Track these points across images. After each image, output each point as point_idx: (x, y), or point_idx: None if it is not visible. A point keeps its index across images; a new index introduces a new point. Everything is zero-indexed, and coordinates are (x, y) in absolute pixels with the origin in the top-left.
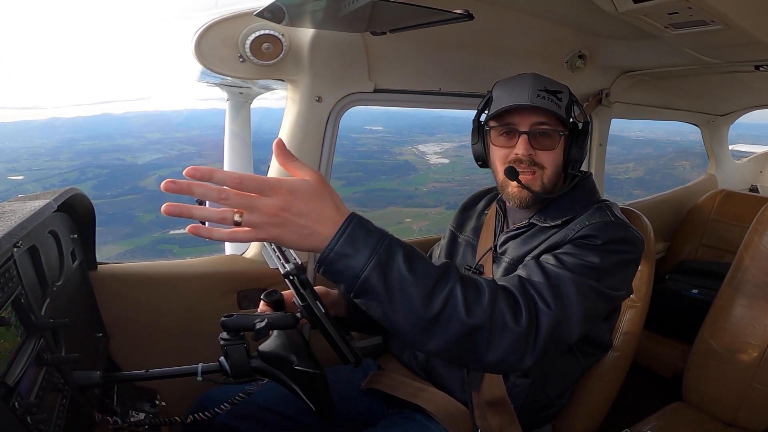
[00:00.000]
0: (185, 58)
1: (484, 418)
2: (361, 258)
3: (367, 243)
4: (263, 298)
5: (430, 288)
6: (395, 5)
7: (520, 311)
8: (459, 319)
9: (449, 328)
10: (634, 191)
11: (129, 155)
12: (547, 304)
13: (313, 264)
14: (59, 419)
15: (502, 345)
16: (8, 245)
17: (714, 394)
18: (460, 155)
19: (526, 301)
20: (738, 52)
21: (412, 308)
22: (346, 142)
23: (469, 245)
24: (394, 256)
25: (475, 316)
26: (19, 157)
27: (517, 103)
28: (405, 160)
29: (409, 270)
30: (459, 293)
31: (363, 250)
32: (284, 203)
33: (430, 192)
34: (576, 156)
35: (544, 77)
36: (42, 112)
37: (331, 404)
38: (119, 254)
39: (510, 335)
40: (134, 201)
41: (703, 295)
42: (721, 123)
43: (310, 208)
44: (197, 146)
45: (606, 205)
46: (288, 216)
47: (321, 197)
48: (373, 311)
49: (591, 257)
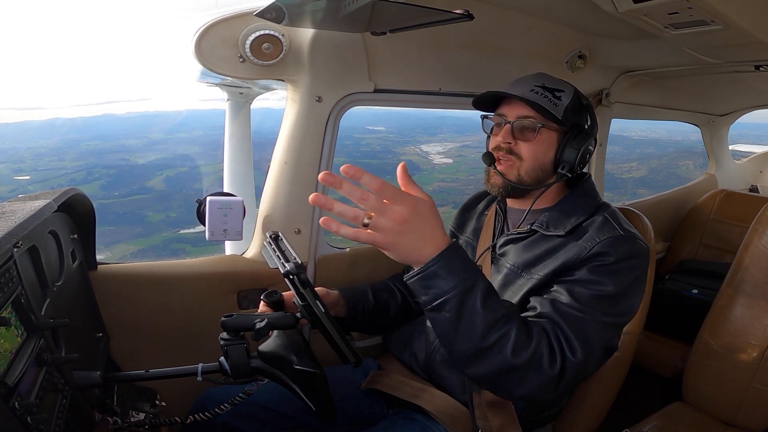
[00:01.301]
0: (186, 58)
1: (485, 419)
2: (449, 282)
3: (458, 272)
4: (263, 298)
5: (492, 323)
6: (395, 5)
7: (555, 359)
8: (504, 356)
9: (493, 361)
10: (638, 190)
11: (134, 155)
12: (574, 353)
13: (312, 264)
14: (59, 419)
15: (533, 384)
16: (8, 245)
17: (714, 394)
18: (463, 155)
19: (560, 350)
20: (738, 52)
21: (472, 336)
22: (348, 142)
23: (468, 246)
24: (475, 290)
25: (518, 357)
26: (23, 157)
27: (504, 92)
28: (409, 160)
29: (483, 305)
30: (513, 335)
31: (453, 276)
32: (409, 215)
33: (435, 191)
34: (568, 156)
35: (551, 77)
36: (44, 113)
37: (332, 404)
38: (132, 253)
39: (541, 377)
40: (143, 201)
41: (703, 295)
42: (721, 123)
43: (425, 227)
44: (201, 147)
45: (611, 213)
46: (407, 228)
47: (435, 219)
48: (436, 326)
49: (606, 285)
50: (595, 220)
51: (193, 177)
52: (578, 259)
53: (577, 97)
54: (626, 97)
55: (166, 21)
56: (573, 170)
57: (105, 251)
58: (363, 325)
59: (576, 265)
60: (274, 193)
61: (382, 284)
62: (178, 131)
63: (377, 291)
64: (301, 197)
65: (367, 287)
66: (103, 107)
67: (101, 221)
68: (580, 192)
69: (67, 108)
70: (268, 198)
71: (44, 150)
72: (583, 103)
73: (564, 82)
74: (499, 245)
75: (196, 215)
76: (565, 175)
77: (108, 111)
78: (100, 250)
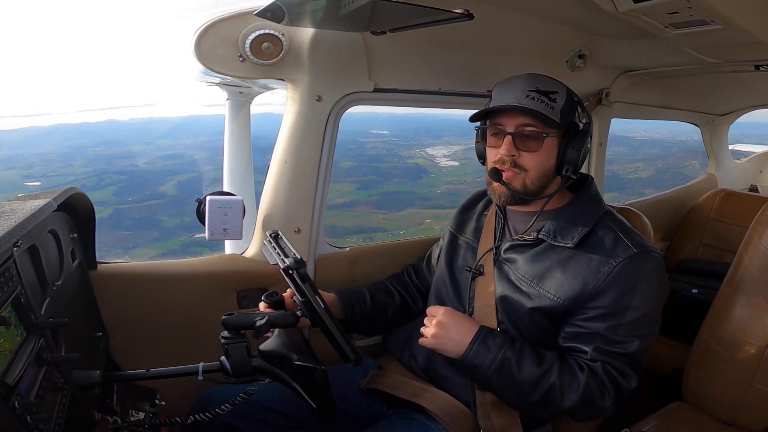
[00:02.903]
0: (186, 58)
1: (488, 418)
2: (489, 356)
3: (492, 348)
4: (264, 299)
5: (535, 382)
6: (395, 5)
7: (608, 392)
8: (555, 403)
9: (548, 409)
10: (645, 190)
11: (142, 161)
12: (628, 379)
13: (312, 263)
14: (59, 419)
15: (592, 413)
16: (8, 245)
17: (714, 394)
18: (469, 158)
19: (613, 382)
20: (738, 52)
21: (520, 398)
22: (354, 146)
23: (469, 247)
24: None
25: (568, 401)
26: (31, 163)
27: (503, 104)
28: (416, 163)
29: (519, 372)
30: (557, 385)
31: (491, 352)
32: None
33: (444, 194)
34: (571, 157)
35: (541, 76)
36: (48, 119)
37: (332, 402)
38: (152, 257)
39: (598, 408)
40: (158, 206)
41: (703, 295)
42: (721, 123)
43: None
44: (208, 152)
45: (618, 225)
46: (442, 328)
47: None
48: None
49: (637, 309)
50: (605, 234)
51: (203, 182)
52: (599, 285)
53: (569, 95)
54: (626, 97)
55: (166, 22)
56: (576, 171)
57: (123, 256)
58: (361, 326)
59: (598, 292)
60: (273, 193)
61: (381, 285)
62: (184, 137)
63: (375, 292)
64: (300, 196)
65: (364, 289)
66: (107, 113)
67: (118, 226)
68: (586, 197)
69: (72, 114)
70: (267, 197)
71: (52, 156)
72: (575, 100)
73: (555, 81)
74: (504, 250)
75: (196, 215)
76: (570, 177)
77: (112, 117)
78: (118, 255)
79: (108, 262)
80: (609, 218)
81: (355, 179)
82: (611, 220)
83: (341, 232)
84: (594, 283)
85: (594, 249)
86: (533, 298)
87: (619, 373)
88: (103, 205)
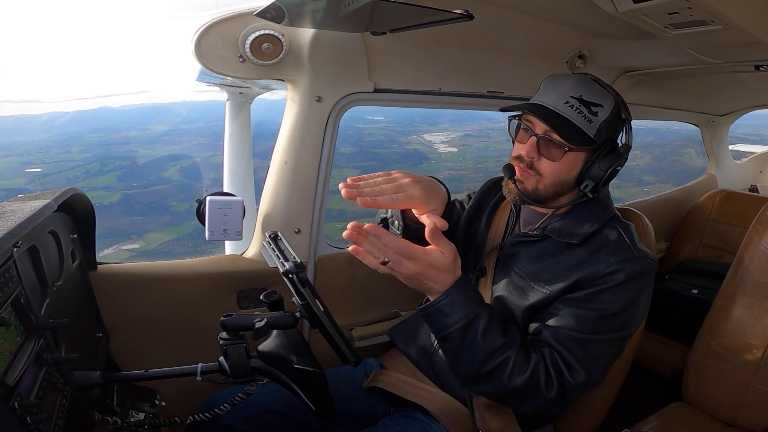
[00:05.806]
0: (184, 56)
1: (484, 420)
2: (452, 318)
3: (461, 308)
4: (262, 298)
5: (491, 352)
6: (395, 5)
7: (552, 383)
8: (501, 381)
9: (492, 384)
10: (644, 177)
11: (142, 147)
12: (575, 375)
13: (312, 264)
14: (59, 419)
15: (533, 404)
16: (8, 245)
17: (714, 394)
18: (467, 144)
19: (558, 375)
20: (738, 52)
21: (473, 363)
22: (351, 131)
23: (477, 242)
24: (476, 324)
25: (514, 382)
26: (28, 150)
27: (538, 103)
28: (415, 149)
29: (483, 337)
30: (510, 362)
31: (456, 313)
32: (420, 271)
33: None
34: (594, 174)
35: (593, 83)
36: (41, 106)
37: (331, 404)
38: (167, 242)
39: (540, 399)
40: (165, 191)
41: (703, 295)
42: (721, 123)
43: (437, 277)
44: (205, 138)
45: (625, 229)
46: (419, 279)
47: (449, 272)
48: (443, 352)
49: (613, 304)
50: (609, 234)
51: (206, 167)
52: (591, 278)
53: (617, 109)
54: (626, 97)
55: (164, 19)
56: (596, 190)
57: (138, 240)
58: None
59: (587, 284)
60: (273, 193)
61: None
62: (181, 123)
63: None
64: (300, 197)
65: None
66: (100, 100)
67: (129, 211)
68: (596, 200)
69: (65, 101)
70: (267, 198)
71: (49, 143)
72: (622, 117)
73: (606, 92)
74: (508, 244)
75: (196, 215)
76: (586, 195)
77: (105, 104)
78: (132, 240)
79: (108, 263)
80: (616, 221)
81: (357, 164)
82: (618, 223)
83: (350, 216)
84: (587, 275)
85: (596, 247)
86: (529, 297)
87: (565, 364)
88: (110, 191)
